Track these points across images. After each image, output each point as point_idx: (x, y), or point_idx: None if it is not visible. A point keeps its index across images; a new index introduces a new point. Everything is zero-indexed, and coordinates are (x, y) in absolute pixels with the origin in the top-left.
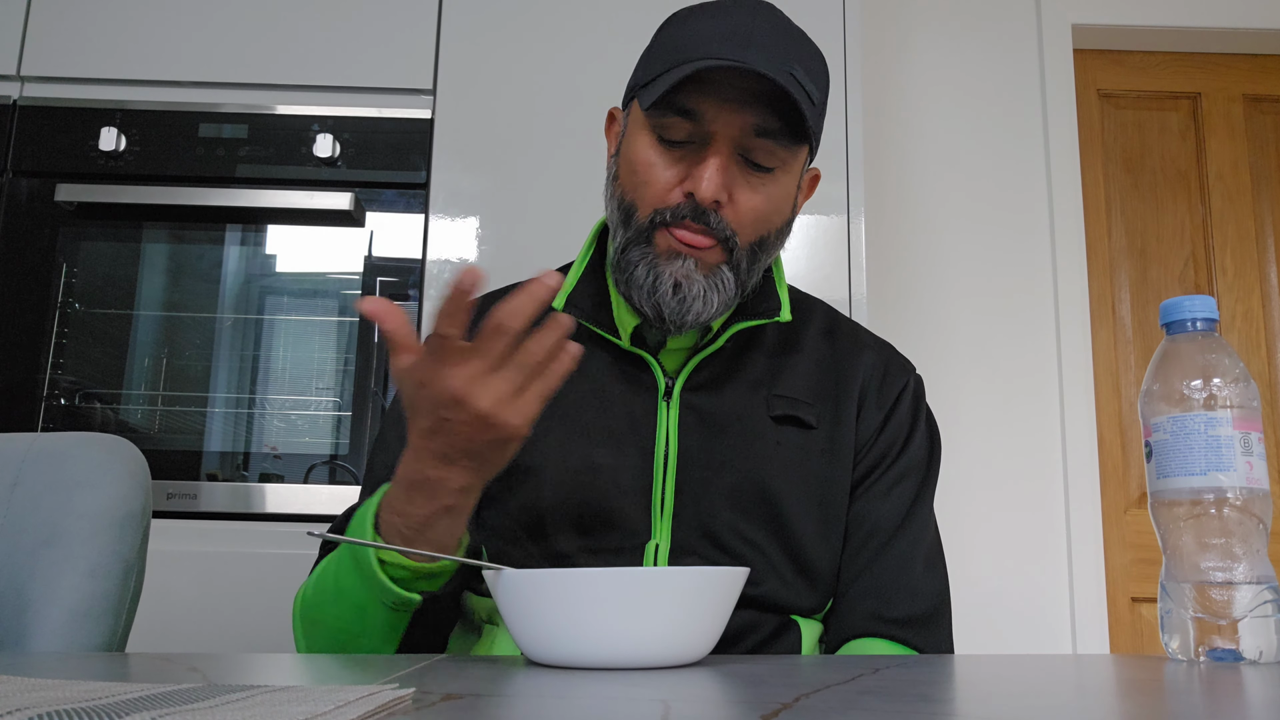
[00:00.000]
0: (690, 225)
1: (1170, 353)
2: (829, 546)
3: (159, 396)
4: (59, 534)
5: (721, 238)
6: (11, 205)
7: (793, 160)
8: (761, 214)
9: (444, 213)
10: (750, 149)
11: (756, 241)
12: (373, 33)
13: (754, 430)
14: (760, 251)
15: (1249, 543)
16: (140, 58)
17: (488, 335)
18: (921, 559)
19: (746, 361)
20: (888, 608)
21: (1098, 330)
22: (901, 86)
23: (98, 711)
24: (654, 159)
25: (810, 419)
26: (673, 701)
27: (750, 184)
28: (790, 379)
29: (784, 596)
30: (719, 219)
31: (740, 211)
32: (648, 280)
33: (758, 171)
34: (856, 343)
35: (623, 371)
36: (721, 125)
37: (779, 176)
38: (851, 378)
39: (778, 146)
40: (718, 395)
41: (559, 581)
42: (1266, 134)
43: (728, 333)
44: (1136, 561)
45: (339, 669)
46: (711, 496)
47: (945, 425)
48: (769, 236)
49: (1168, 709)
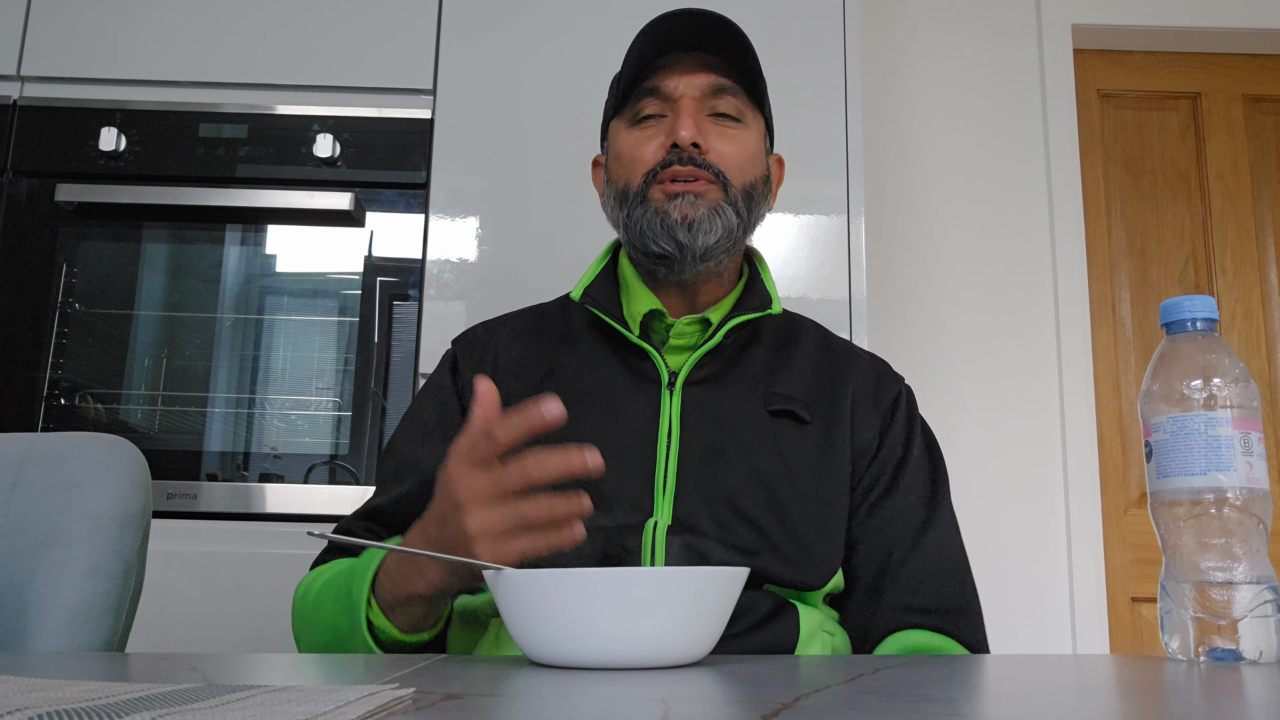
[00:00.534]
0: (678, 170)
1: (1170, 353)
2: (825, 529)
3: (159, 396)
4: (59, 534)
5: (713, 174)
6: (11, 205)
7: (752, 119)
8: (740, 159)
9: (444, 213)
10: (714, 105)
11: (746, 185)
12: (373, 33)
13: (752, 422)
14: (752, 199)
15: (1249, 543)
16: (140, 58)
17: (513, 471)
18: (951, 557)
19: (745, 360)
20: (921, 599)
21: (1098, 330)
22: (901, 86)
23: (98, 711)
24: (636, 137)
25: (805, 415)
26: (673, 701)
27: (723, 133)
28: (787, 378)
29: (780, 571)
30: (705, 160)
31: (723, 154)
32: (656, 223)
33: (726, 121)
34: (850, 353)
35: (629, 364)
36: (684, 89)
37: (743, 130)
38: (844, 382)
39: (736, 100)
40: (718, 389)
41: (559, 581)
42: (1266, 134)
43: (726, 327)
44: (1136, 561)
45: (339, 669)
46: (711, 477)
47: (945, 426)
48: (754, 186)
49: (1168, 709)
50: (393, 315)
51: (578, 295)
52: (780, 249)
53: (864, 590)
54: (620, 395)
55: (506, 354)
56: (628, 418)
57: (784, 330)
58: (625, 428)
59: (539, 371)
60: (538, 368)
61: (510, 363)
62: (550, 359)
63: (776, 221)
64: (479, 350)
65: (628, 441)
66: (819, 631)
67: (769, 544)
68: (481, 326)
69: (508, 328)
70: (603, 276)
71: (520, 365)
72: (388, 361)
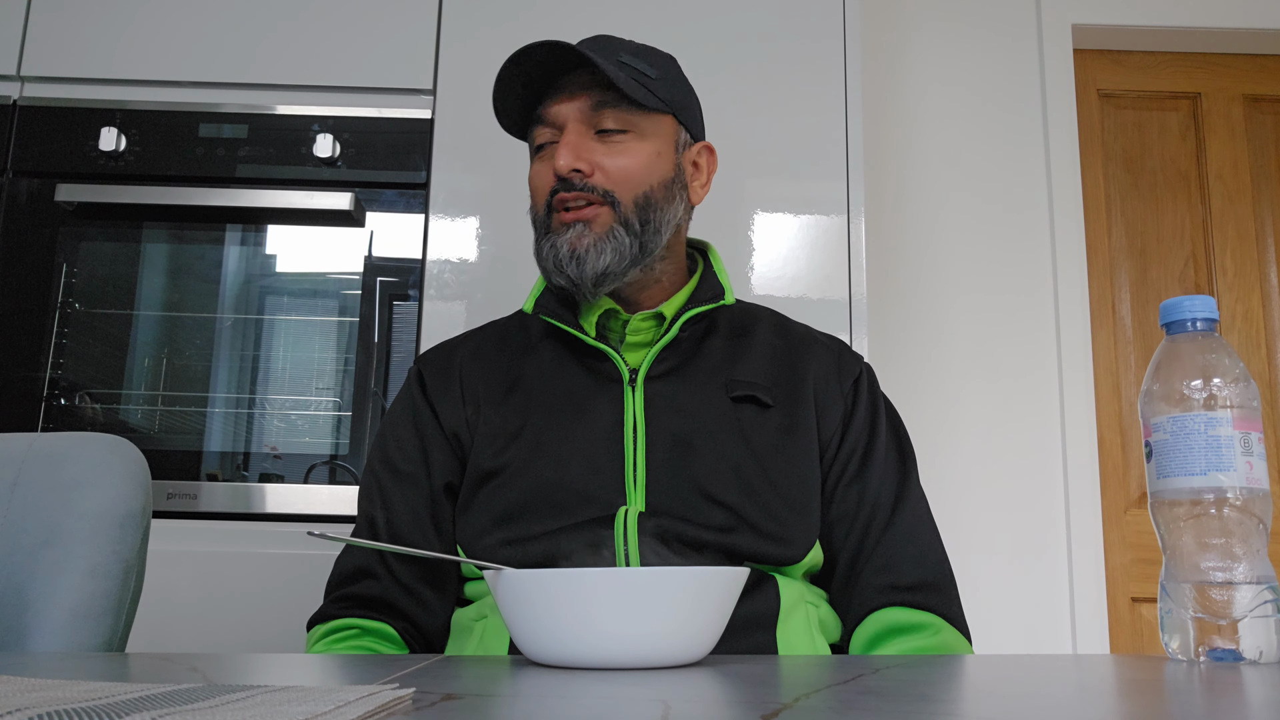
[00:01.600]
0: (565, 197)
1: (1170, 353)
2: (797, 505)
3: (159, 396)
4: (59, 534)
5: (600, 197)
6: (11, 205)
7: (646, 125)
8: (630, 171)
9: (444, 213)
10: (598, 122)
11: (639, 198)
12: (373, 33)
13: (716, 410)
14: (650, 208)
15: (1249, 543)
16: (140, 58)
17: None
18: (926, 531)
19: (703, 351)
20: (900, 577)
21: (1098, 330)
22: (901, 86)
23: (98, 711)
24: (535, 168)
25: (767, 399)
26: (673, 701)
27: (609, 150)
28: (746, 365)
29: (755, 547)
30: (587, 184)
31: (609, 173)
32: (550, 255)
33: (612, 135)
34: (807, 337)
35: (588, 366)
36: (566, 111)
37: (635, 139)
38: (805, 366)
39: (620, 112)
40: (679, 382)
41: (559, 581)
42: (1266, 134)
43: (680, 320)
44: (1136, 561)
45: (339, 669)
46: (680, 467)
47: (945, 425)
48: (652, 192)
49: (1168, 709)
50: (393, 315)
51: (529, 307)
52: (780, 249)
53: (843, 570)
54: (583, 397)
55: (469, 372)
56: (592, 418)
57: (739, 319)
58: (591, 428)
59: (503, 385)
60: (501, 381)
61: (474, 379)
62: (513, 371)
63: (776, 221)
64: (444, 370)
65: (595, 441)
66: (801, 602)
67: (742, 521)
68: (439, 349)
69: (465, 348)
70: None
71: (484, 381)
72: (388, 361)
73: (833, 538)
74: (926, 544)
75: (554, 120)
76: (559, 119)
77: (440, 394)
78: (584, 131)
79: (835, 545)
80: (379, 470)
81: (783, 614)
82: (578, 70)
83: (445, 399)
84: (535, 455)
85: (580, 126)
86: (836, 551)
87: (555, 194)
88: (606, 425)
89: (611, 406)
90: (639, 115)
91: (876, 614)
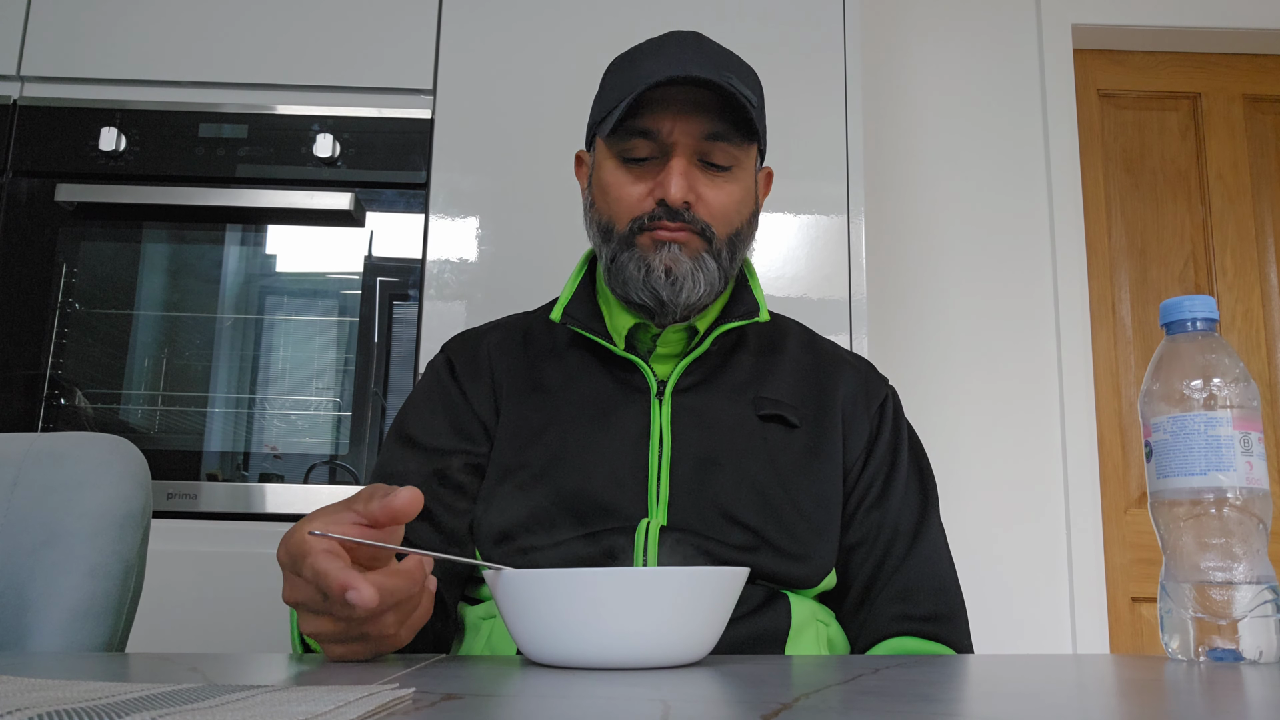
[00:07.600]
0: (666, 225)
1: (1170, 353)
2: (819, 529)
3: (159, 396)
4: (59, 534)
5: (698, 230)
6: (11, 205)
7: (745, 159)
8: (729, 208)
9: (444, 213)
10: (706, 153)
11: (733, 233)
12: (373, 33)
13: (742, 427)
14: (737, 243)
15: (1249, 543)
16: (140, 58)
17: (338, 601)
18: (944, 563)
19: (732, 366)
20: (916, 607)
21: (1098, 330)
22: (901, 86)
23: (98, 711)
24: (623, 178)
25: (794, 419)
26: (673, 701)
27: (713, 183)
28: (774, 383)
29: (774, 568)
30: (692, 215)
31: (711, 207)
32: (640, 272)
33: (718, 171)
34: (835, 357)
35: (616, 376)
36: (678, 135)
37: (737, 174)
38: (833, 387)
39: (730, 146)
40: (707, 396)
41: (559, 581)
42: (1266, 134)
43: (713, 335)
44: (1136, 561)
45: (339, 669)
46: (704, 484)
47: (945, 425)
48: (741, 229)
49: (1168, 709)
50: (393, 315)
51: (558, 316)
52: (780, 249)
53: (856, 594)
54: (610, 406)
55: (497, 362)
56: (618, 428)
57: (768, 334)
58: (616, 438)
59: (527, 382)
60: (525, 378)
61: (500, 370)
62: (536, 371)
63: (776, 221)
64: (473, 356)
65: (620, 452)
66: (812, 621)
67: (762, 541)
68: (464, 337)
69: (491, 338)
70: (581, 292)
71: (509, 374)
72: (388, 361)
73: (849, 561)
74: (945, 576)
75: (663, 137)
76: (669, 138)
77: (470, 378)
78: (693, 159)
79: (851, 569)
80: (393, 446)
81: (793, 632)
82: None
83: (475, 384)
84: (558, 461)
85: (690, 154)
86: (852, 575)
87: (653, 219)
88: (632, 436)
89: (638, 418)
90: (742, 150)
91: (889, 641)
